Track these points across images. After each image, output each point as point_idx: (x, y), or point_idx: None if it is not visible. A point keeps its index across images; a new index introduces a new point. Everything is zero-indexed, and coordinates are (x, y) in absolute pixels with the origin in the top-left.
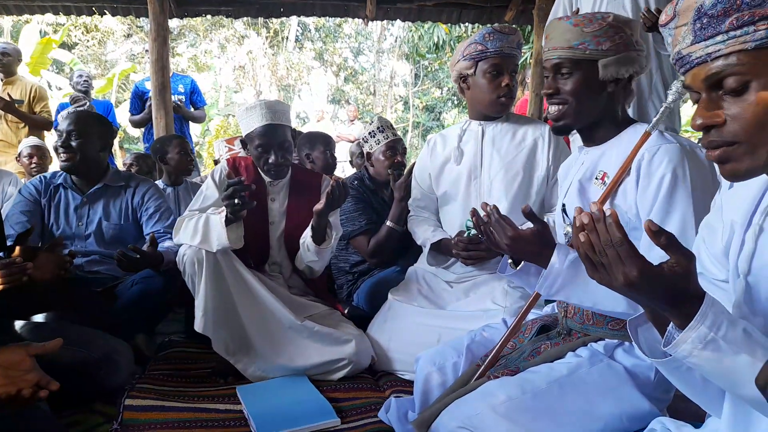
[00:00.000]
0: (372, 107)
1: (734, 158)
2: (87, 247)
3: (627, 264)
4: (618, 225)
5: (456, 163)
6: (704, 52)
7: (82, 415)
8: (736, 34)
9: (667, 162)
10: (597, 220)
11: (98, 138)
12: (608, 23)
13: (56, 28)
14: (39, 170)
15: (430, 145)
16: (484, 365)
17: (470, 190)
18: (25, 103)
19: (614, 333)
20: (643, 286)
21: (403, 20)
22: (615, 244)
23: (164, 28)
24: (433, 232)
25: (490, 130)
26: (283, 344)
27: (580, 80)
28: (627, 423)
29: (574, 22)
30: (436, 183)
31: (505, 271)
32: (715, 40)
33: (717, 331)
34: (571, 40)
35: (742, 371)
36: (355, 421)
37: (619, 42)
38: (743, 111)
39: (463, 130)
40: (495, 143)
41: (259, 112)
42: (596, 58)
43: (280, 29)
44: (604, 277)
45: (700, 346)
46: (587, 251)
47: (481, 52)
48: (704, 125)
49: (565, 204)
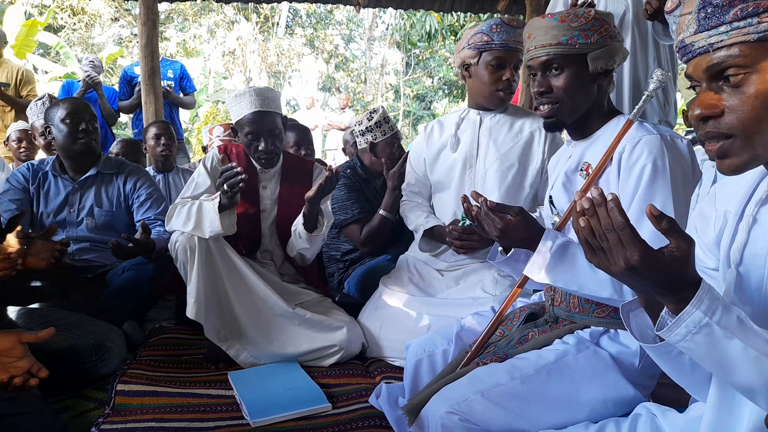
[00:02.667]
0: (363, 95)
1: (732, 153)
2: (78, 234)
3: (628, 248)
4: (620, 209)
5: (452, 150)
6: (707, 42)
7: (74, 400)
8: (739, 25)
9: (647, 153)
10: (598, 205)
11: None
12: (593, 16)
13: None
14: (27, 155)
15: (427, 131)
16: (471, 351)
17: (464, 179)
18: (12, 87)
19: (599, 320)
20: (642, 271)
21: (395, 8)
22: (617, 228)
23: (153, 12)
24: (426, 218)
25: (488, 120)
26: (274, 331)
27: (572, 75)
28: (612, 408)
29: (559, 18)
30: (431, 169)
31: (495, 259)
32: (719, 30)
33: (712, 316)
34: (559, 36)
35: (734, 357)
36: (346, 406)
37: (605, 34)
38: (742, 103)
39: (461, 118)
40: (492, 133)
41: (249, 99)
42: (585, 52)
43: (270, 15)
44: (603, 262)
45: (694, 330)
46: (587, 236)
47: (486, 43)
48: (702, 115)
49: (552, 196)
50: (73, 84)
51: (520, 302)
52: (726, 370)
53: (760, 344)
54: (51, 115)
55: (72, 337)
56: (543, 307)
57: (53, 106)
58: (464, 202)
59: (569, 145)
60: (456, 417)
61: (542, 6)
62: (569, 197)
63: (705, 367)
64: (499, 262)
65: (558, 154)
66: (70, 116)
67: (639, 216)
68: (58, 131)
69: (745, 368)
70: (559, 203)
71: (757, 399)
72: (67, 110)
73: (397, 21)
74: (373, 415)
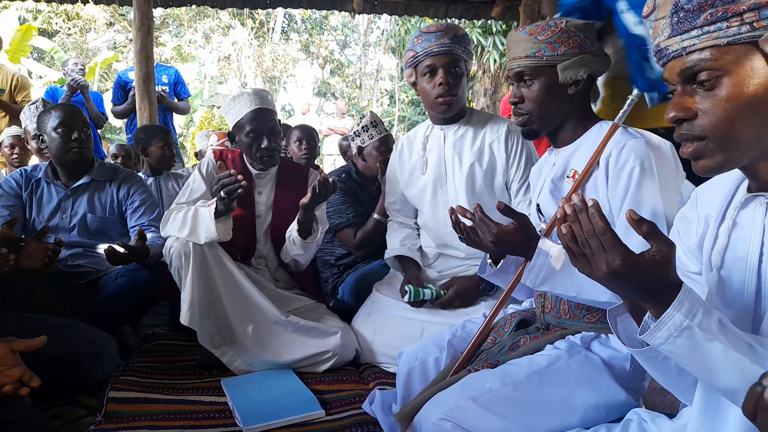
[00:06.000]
0: (358, 101)
1: (706, 155)
2: (71, 240)
3: (610, 253)
4: (600, 214)
5: (421, 172)
6: (680, 45)
7: (66, 407)
8: (710, 29)
9: (634, 156)
10: (579, 211)
11: None
12: (560, 29)
13: (36, 14)
14: (20, 161)
15: (397, 149)
16: (463, 355)
17: (437, 199)
18: (6, 93)
19: (590, 326)
20: (625, 275)
21: (390, 14)
22: (598, 233)
23: (148, 17)
24: (401, 245)
25: (451, 134)
26: (268, 339)
27: (542, 86)
28: (604, 412)
29: (528, 31)
30: (406, 189)
31: (485, 272)
32: (690, 34)
33: (692, 319)
34: (528, 49)
35: (716, 359)
36: (339, 412)
37: (573, 45)
38: (714, 106)
39: (425, 136)
40: (456, 148)
41: (247, 98)
42: (554, 63)
43: (265, 20)
44: (586, 268)
45: (675, 333)
46: (569, 242)
47: (413, 57)
48: (675, 118)
49: (539, 204)
50: (56, 90)
51: (511, 309)
52: (708, 373)
53: (741, 346)
54: (43, 122)
55: (65, 344)
56: (534, 314)
57: (45, 113)
58: (452, 215)
59: (551, 153)
60: (449, 423)
61: (536, 12)
62: (557, 204)
63: (688, 370)
64: (489, 275)
65: (540, 162)
66: (62, 125)
67: None
68: (50, 140)
69: (726, 370)
70: (546, 211)
71: (739, 401)
72: (60, 119)
73: (392, 27)
74: (366, 421)
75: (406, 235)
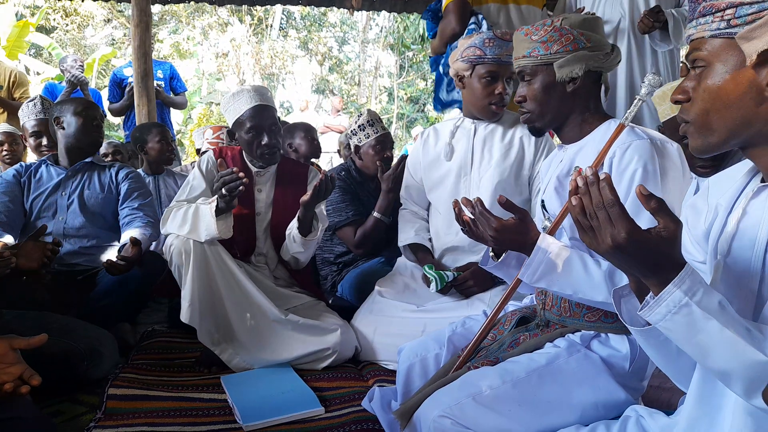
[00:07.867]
0: (356, 98)
1: (689, 136)
2: (68, 221)
3: (616, 225)
4: (611, 187)
5: (447, 159)
6: (689, 32)
7: (66, 404)
8: (701, 21)
9: (637, 158)
10: (591, 183)
11: None
12: (554, 27)
13: (33, 10)
14: (11, 158)
15: (423, 137)
16: (463, 355)
17: (459, 187)
18: (4, 89)
19: (590, 324)
20: (629, 249)
21: (389, 11)
22: (606, 205)
23: (147, 13)
24: (415, 234)
25: (482, 129)
26: (267, 337)
27: (540, 85)
28: (603, 411)
29: (525, 32)
30: (427, 176)
31: (487, 264)
32: (692, 24)
33: (692, 297)
34: (525, 49)
35: (711, 338)
36: (339, 409)
37: (566, 43)
38: (697, 94)
39: (455, 126)
40: (486, 143)
41: (247, 95)
42: (549, 62)
43: (264, 17)
44: (593, 241)
45: (674, 309)
46: (578, 215)
47: (479, 57)
48: (674, 99)
49: (545, 200)
50: (55, 87)
51: (511, 306)
52: (703, 353)
53: (738, 328)
54: (63, 108)
55: (64, 342)
56: (534, 311)
57: (66, 101)
58: (455, 207)
59: (560, 150)
60: (448, 421)
61: None
62: (561, 201)
63: (684, 349)
64: (491, 267)
65: (549, 158)
66: (85, 110)
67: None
68: (69, 123)
69: (721, 350)
70: (551, 207)
71: (733, 384)
72: (83, 105)
73: (391, 24)
74: (366, 418)
75: (420, 226)
